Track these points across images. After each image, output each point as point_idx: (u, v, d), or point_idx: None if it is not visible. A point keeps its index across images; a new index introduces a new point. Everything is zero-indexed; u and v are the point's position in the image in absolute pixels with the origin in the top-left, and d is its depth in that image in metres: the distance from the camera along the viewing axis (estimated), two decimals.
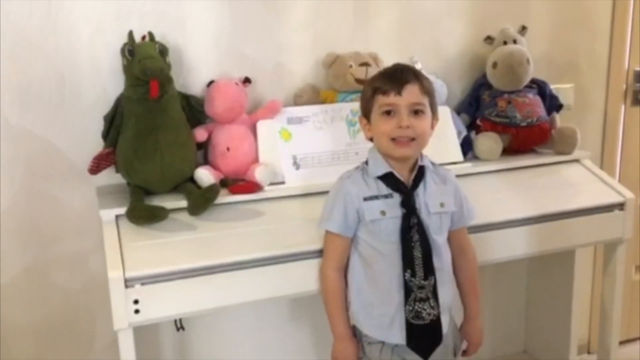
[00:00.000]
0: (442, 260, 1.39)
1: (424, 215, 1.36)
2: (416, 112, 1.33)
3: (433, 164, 1.43)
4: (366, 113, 1.38)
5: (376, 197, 1.35)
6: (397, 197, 1.35)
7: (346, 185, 1.37)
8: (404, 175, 1.37)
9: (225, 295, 1.38)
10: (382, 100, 1.33)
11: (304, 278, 1.43)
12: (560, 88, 2.02)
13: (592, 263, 2.25)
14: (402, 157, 1.35)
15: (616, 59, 2.13)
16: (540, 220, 1.62)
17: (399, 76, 1.34)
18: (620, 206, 1.69)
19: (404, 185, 1.36)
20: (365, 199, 1.35)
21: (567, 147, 1.83)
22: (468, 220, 1.47)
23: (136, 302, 1.30)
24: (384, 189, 1.36)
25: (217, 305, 1.39)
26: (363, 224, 1.36)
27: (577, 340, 2.00)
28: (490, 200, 1.63)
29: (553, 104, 1.91)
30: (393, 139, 1.33)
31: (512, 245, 1.61)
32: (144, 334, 1.51)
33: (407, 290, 1.34)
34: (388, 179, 1.36)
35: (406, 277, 1.34)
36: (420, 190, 1.37)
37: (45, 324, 1.68)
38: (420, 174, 1.38)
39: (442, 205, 1.38)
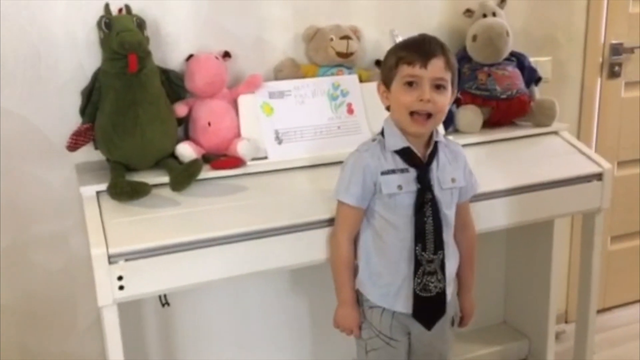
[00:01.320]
0: (450, 234, 1.41)
1: (437, 190, 1.37)
2: (438, 87, 1.32)
3: (446, 137, 1.44)
4: (386, 81, 1.36)
5: (393, 172, 1.35)
6: (413, 172, 1.35)
7: (365, 158, 1.36)
8: (420, 150, 1.37)
9: (210, 270, 1.38)
10: (406, 71, 1.31)
11: (289, 252, 1.43)
12: (539, 61, 2.03)
13: (570, 233, 2.29)
14: (415, 133, 1.35)
15: (593, 33, 2.15)
16: (520, 191, 1.64)
17: (427, 48, 1.32)
18: (598, 176, 1.72)
19: (420, 161, 1.36)
20: (383, 173, 1.35)
21: (546, 119, 1.85)
22: (471, 192, 1.48)
23: (120, 278, 1.29)
24: (400, 164, 1.36)
25: (202, 280, 1.38)
26: (379, 197, 1.36)
27: (556, 310, 2.05)
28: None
29: (532, 77, 1.92)
30: (411, 113, 1.32)
31: (493, 217, 1.63)
32: (128, 311, 1.50)
33: (417, 264, 1.36)
34: (405, 153, 1.36)
35: (417, 251, 1.35)
36: (433, 165, 1.38)
37: (27, 304, 1.66)
38: (434, 149, 1.38)
39: (453, 180, 1.39)
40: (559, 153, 1.79)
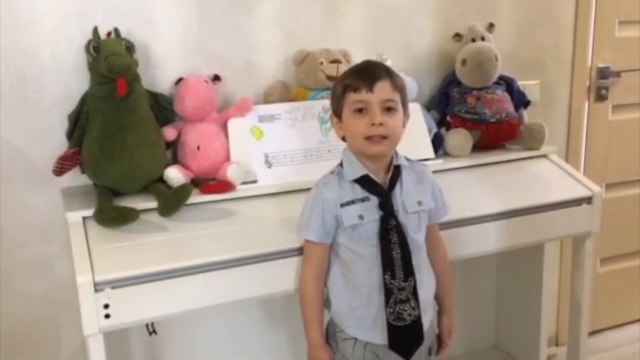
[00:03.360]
0: (421, 259, 1.39)
1: (401, 215, 1.35)
2: (388, 109, 1.31)
3: (409, 160, 1.42)
4: (337, 111, 1.36)
5: (353, 202, 1.33)
6: (374, 200, 1.34)
7: (323, 191, 1.35)
8: (379, 176, 1.36)
9: (199, 297, 1.35)
10: (353, 98, 1.31)
11: (277, 278, 1.41)
12: (527, 84, 2.05)
13: (559, 256, 2.29)
14: (375, 154, 1.33)
15: (580, 56, 2.17)
16: (510, 215, 1.64)
17: (370, 72, 1.32)
18: (588, 200, 1.73)
19: (381, 187, 1.35)
20: (343, 205, 1.33)
21: (535, 142, 1.86)
22: (442, 215, 1.47)
23: (106, 306, 1.26)
24: (360, 193, 1.34)
25: (190, 307, 1.36)
26: (342, 229, 1.34)
27: (547, 333, 2.04)
28: (461, 196, 1.64)
29: (521, 100, 1.93)
30: (366, 138, 1.31)
31: (483, 241, 1.63)
32: (114, 339, 1.46)
33: (388, 292, 1.33)
34: (364, 182, 1.34)
35: (386, 279, 1.33)
36: (397, 190, 1.36)
37: (9, 331, 1.62)
38: (396, 173, 1.37)
39: (419, 203, 1.38)
40: (549, 176, 1.79)
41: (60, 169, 1.50)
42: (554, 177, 1.79)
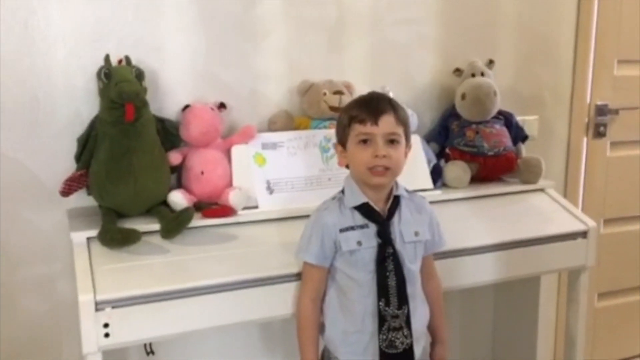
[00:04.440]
0: (416, 288, 1.41)
1: (399, 244, 1.38)
2: (392, 142, 1.35)
3: (408, 191, 1.45)
4: (342, 140, 1.40)
5: (352, 228, 1.37)
6: (372, 227, 1.37)
7: (323, 216, 1.38)
8: (379, 205, 1.39)
9: (197, 319, 1.38)
10: (358, 129, 1.35)
11: (275, 302, 1.43)
12: (526, 120, 2.09)
13: (557, 290, 2.30)
14: (377, 185, 1.37)
15: (579, 93, 2.22)
16: (506, 247, 1.66)
17: (376, 106, 1.36)
18: (583, 234, 1.75)
19: (380, 215, 1.38)
20: (342, 230, 1.36)
21: (533, 176, 1.89)
22: (438, 247, 1.50)
23: (106, 325, 1.29)
24: (359, 219, 1.37)
25: (188, 329, 1.38)
26: (340, 254, 1.37)
27: None
28: (459, 227, 1.67)
29: (519, 135, 1.98)
30: (369, 168, 1.35)
31: (480, 272, 1.65)
32: (112, 358, 1.49)
33: (381, 319, 1.36)
34: (364, 209, 1.38)
35: (380, 306, 1.36)
36: (395, 219, 1.39)
37: (10, 349, 1.64)
38: (395, 203, 1.40)
39: (416, 234, 1.41)
40: (545, 210, 1.82)
41: (67, 190, 1.54)
42: (550, 211, 1.82)
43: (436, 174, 1.83)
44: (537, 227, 1.73)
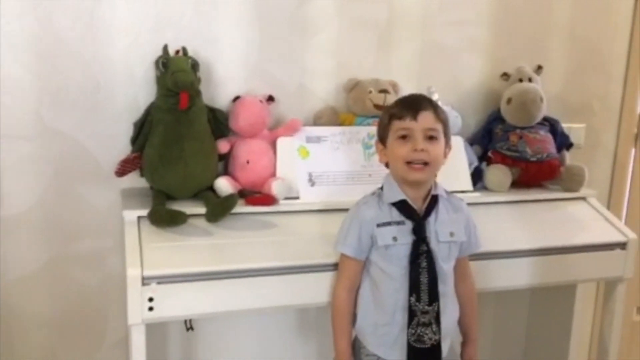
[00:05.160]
0: (448, 287, 1.44)
1: (433, 243, 1.41)
2: (430, 138, 1.38)
3: (447, 192, 1.48)
4: (382, 138, 1.44)
5: (389, 224, 1.41)
6: (409, 224, 1.41)
7: (362, 210, 1.43)
8: (417, 203, 1.42)
9: (236, 300, 1.44)
10: (398, 125, 1.39)
11: (312, 290, 1.49)
12: (572, 127, 2.08)
13: (594, 300, 2.28)
14: (415, 180, 1.40)
15: (628, 104, 2.19)
16: (542, 252, 1.67)
17: (415, 103, 1.41)
18: (622, 245, 1.74)
19: (417, 213, 1.42)
20: (379, 225, 1.40)
21: (575, 184, 1.89)
22: (474, 249, 1.52)
23: (151, 299, 1.37)
24: (397, 216, 1.41)
25: (226, 309, 1.45)
26: (375, 248, 1.41)
27: None
28: (496, 230, 1.69)
29: (563, 142, 1.97)
30: (408, 163, 1.38)
31: (514, 275, 1.66)
32: (154, 332, 1.57)
33: (411, 314, 1.40)
34: (401, 206, 1.41)
35: (411, 302, 1.39)
36: (432, 218, 1.42)
37: (61, 317, 1.76)
38: (433, 202, 1.43)
39: (452, 234, 1.44)
40: (585, 219, 1.81)
41: (122, 171, 1.63)
42: (590, 220, 1.81)
43: (477, 177, 1.85)
44: (575, 235, 1.73)
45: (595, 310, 2.28)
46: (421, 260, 1.40)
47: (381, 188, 1.46)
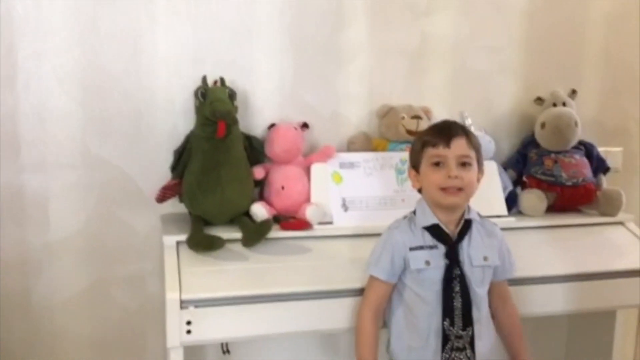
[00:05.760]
0: (482, 312, 1.44)
1: (466, 267, 1.41)
2: (463, 164, 1.40)
3: (480, 216, 1.49)
4: (415, 165, 1.46)
5: (421, 248, 1.42)
6: (441, 248, 1.41)
7: (394, 234, 1.44)
8: (450, 227, 1.43)
9: (271, 324, 1.47)
10: (431, 152, 1.41)
11: (345, 314, 1.50)
12: (609, 151, 2.06)
13: (637, 327, 2.22)
14: (450, 205, 1.41)
15: None
16: (579, 278, 1.65)
17: (448, 130, 1.43)
18: None
19: (449, 237, 1.42)
20: (412, 249, 1.42)
21: (612, 209, 1.86)
22: (509, 274, 1.52)
23: (189, 323, 1.40)
24: (429, 240, 1.42)
25: (262, 332, 1.48)
26: (409, 272, 1.42)
27: None
28: (532, 255, 1.68)
29: (600, 166, 1.95)
30: (442, 189, 1.39)
31: (550, 301, 1.64)
32: (191, 355, 1.60)
33: (445, 338, 1.40)
34: (434, 230, 1.42)
35: (445, 326, 1.40)
36: (465, 242, 1.43)
37: (102, 337, 1.81)
38: (466, 226, 1.44)
39: (485, 259, 1.44)
40: (623, 244, 1.79)
41: (162, 197, 1.69)
42: (627, 245, 1.78)
43: (512, 201, 1.85)
44: (612, 260, 1.71)
45: (637, 337, 2.22)
46: (454, 284, 1.40)
47: (414, 212, 1.48)
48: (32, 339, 1.76)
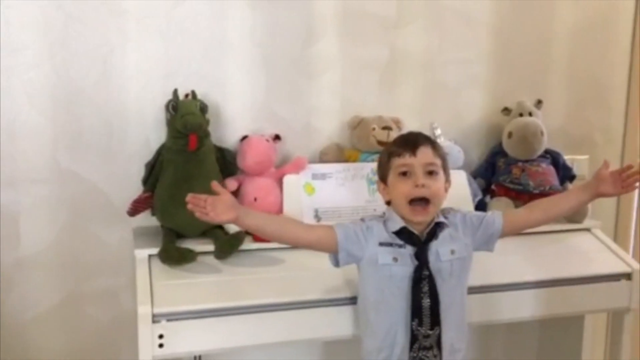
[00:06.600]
0: (450, 310, 1.44)
1: (434, 262, 1.42)
2: (430, 173, 1.42)
3: (445, 216, 1.47)
4: (383, 177, 1.47)
5: (390, 245, 1.43)
6: (409, 249, 1.43)
7: (371, 222, 1.46)
8: (418, 229, 1.44)
9: (244, 336, 1.48)
10: (398, 162, 1.43)
11: (320, 324, 1.52)
12: (576, 159, 2.10)
13: (605, 332, 2.27)
14: (419, 223, 1.43)
15: (631, 136, 2.20)
16: (548, 284, 1.69)
17: (413, 139, 1.45)
18: (627, 276, 1.75)
19: (418, 238, 1.44)
20: (381, 244, 1.43)
21: (578, 216, 1.90)
22: (497, 220, 1.50)
23: (161, 336, 1.41)
24: (398, 240, 1.44)
25: (235, 344, 1.48)
26: (377, 269, 1.43)
27: None
28: (501, 262, 1.69)
29: (566, 174, 2.00)
30: (410, 203, 1.40)
31: (520, 307, 1.68)
32: None
33: (413, 338, 1.42)
34: (402, 233, 1.44)
35: (413, 326, 1.41)
36: (433, 242, 1.44)
37: (74, 352, 1.80)
38: (434, 228, 1.45)
39: (452, 252, 1.45)
40: (589, 250, 1.83)
41: (134, 210, 1.68)
42: (594, 251, 1.82)
43: (480, 209, 1.87)
44: (580, 266, 1.75)
45: (606, 341, 2.27)
46: (423, 284, 1.41)
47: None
48: (3, 356, 1.74)
